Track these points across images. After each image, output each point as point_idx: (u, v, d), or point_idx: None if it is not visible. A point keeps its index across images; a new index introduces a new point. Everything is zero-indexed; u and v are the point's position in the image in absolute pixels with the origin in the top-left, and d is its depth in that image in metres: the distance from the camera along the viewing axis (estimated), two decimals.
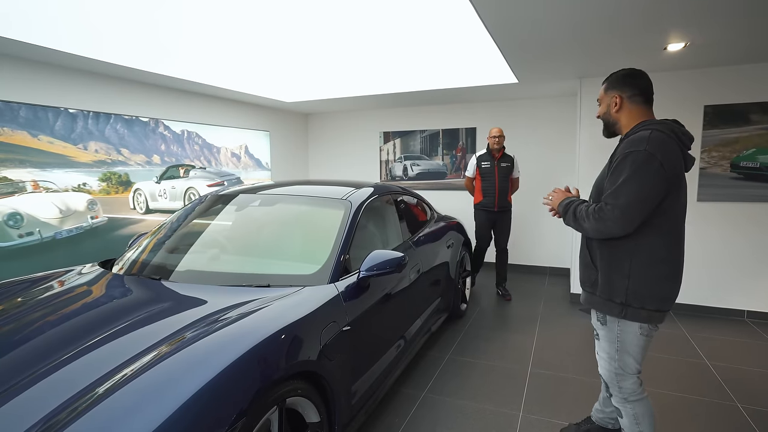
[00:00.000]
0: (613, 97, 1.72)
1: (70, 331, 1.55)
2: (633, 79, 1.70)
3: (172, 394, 1.16)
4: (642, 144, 1.52)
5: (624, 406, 1.75)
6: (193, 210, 2.66)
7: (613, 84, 1.73)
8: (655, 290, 1.61)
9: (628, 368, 1.71)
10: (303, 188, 2.79)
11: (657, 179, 1.50)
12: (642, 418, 1.73)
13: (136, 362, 1.30)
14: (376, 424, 2.29)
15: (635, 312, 1.62)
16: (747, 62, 3.55)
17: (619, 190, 1.53)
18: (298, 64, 4.40)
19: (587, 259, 1.75)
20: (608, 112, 1.76)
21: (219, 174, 4.95)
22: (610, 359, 1.74)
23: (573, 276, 4.43)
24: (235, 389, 1.26)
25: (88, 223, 3.67)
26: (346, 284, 1.99)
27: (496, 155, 4.23)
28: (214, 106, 4.94)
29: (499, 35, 2.86)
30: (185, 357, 1.30)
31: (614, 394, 1.78)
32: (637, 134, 1.59)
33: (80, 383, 1.23)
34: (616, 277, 1.64)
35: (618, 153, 1.62)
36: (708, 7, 2.40)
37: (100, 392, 1.17)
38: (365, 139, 6.37)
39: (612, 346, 1.72)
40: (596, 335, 1.82)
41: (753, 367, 2.94)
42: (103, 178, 3.78)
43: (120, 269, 2.22)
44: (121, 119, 3.91)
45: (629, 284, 1.61)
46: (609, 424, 2.08)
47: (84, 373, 1.28)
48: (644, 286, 1.60)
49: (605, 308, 1.68)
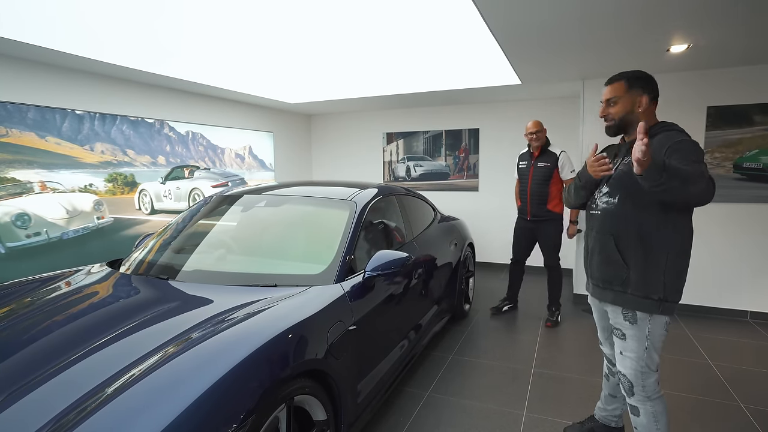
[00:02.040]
0: (639, 96, 1.70)
1: (79, 331, 1.57)
2: (652, 81, 1.73)
3: (181, 392, 1.18)
4: (683, 135, 1.61)
5: (644, 405, 1.73)
6: (200, 210, 2.69)
7: (640, 84, 1.71)
8: (681, 283, 1.66)
9: (653, 365, 1.71)
10: (308, 189, 2.81)
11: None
12: (661, 416, 1.73)
13: (146, 362, 1.32)
14: (380, 422, 2.31)
15: (670, 306, 1.64)
16: (749, 64, 3.56)
17: (699, 166, 1.47)
18: (301, 65, 4.43)
19: (615, 257, 1.70)
20: (632, 111, 1.71)
21: (223, 175, 4.98)
22: (638, 358, 1.70)
23: (576, 276, 4.44)
24: (244, 387, 1.28)
25: (95, 223, 3.71)
26: (352, 284, 2.01)
27: (534, 153, 3.66)
28: (218, 107, 4.97)
29: (503, 37, 2.88)
30: (194, 356, 1.32)
31: (636, 393, 1.73)
32: (666, 133, 1.63)
33: (89, 383, 1.25)
34: (653, 272, 1.63)
35: (655, 149, 1.52)
36: (710, 10, 2.41)
37: (109, 392, 1.19)
38: (368, 140, 6.40)
39: (641, 345, 1.69)
40: (620, 334, 1.75)
41: (756, 368, 2.94)
42: (109, 178, 3.81)
43: (127, 269, 2.25)
44: (126, 120, 3.94)
45: (665, 279, 1.62)
46: (612, 422, 2.09)
47: (93, 373, 1.30)
48: (677, 279, 1.64)
49: (641, 306, 1.66)
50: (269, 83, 4.88)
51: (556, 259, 3.75)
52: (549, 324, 3.70)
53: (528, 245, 3.86)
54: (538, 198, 3.63)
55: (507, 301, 4.03)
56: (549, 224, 3.67)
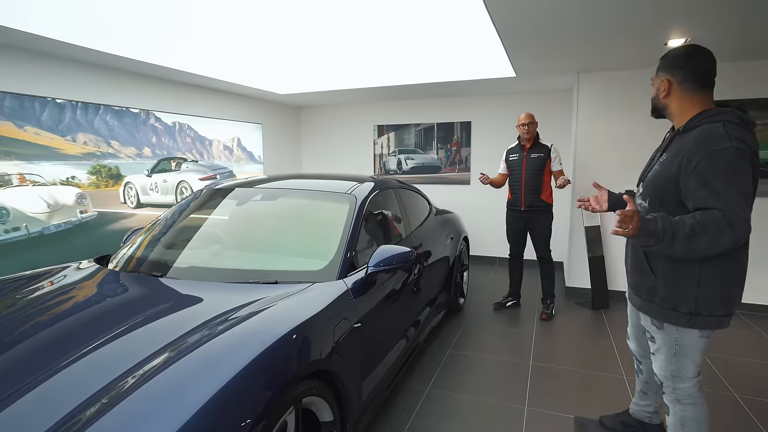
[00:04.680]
0: (663, 80, 1.56)
1: (67, 334, 1.46)
2: (687, 61, 1.51)
3: (185, 400, 1.10)
4: (724, 140, 1.36)
5: (674, 406, 1.66)
6: (192, 204, 2.59)
7: (664, 65, 1.57)
8: (729, 294, 1.48)
9: (685, 371, 1.59)
10: (304, 182, 2.74)
11: (751, 173, 1.38)
12: (691, 422, 1.62)
13: (143, 367, 1.22)
14: (383, 420, 2.27)
15: (704, 320, 1.49)
16: (746, 59, 3.58)
17: (727, 194, 1.32)
18: (291, 56, 4.31)
19: (642, 264, 1.60)
20: (657, 96, 1.60)
21: (211, 167, 4.85)
22: (668, 363, 1.62)
23: (567, 269, 4.47)
24: (253, 391, 1.21)
25: (77, 217, 3.56)
26: (354, 280, 1.95)
27: (525, 146, 3.68)
28: (206, 97, 4.82)
29: (504, 28, 2.83)
30: (196, 359, 1.24)
31: (667, 393, 1.67)
32: (704, 128, 1.43)
33: (79, 393, 1.13)
34: (684, 285, 1.49)
35: (692, 154, 1.40)
36: (710, 4, 2.40)
37: (104, 402, 1.09)
38: (359, 133, 6.31)
39: (670, 351, 1.59)
40: (650, 337, 1.68)
41: (748, 359, 2.99)
42: (93, 171, 3.66)
43: (116, 266, 2.15)
44: (110, 110, 3.78)
45: (699, 292, 1.47)
46: (645, 417, 2.07)
47: (84, 381, 1.19)
48: (716, 292, 1.46)
49: (668, 318, 1.54)
50: (259, 73, 4.74)
51: (547, 251, 3.77)
52: (544, 317, 3.71)
53: (523, 238, 3.87)
54: (533, 188, 3.64)
55: (510, 297, 4.02)
56: (541, 214, 3.70)
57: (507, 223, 3.91)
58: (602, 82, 4.06)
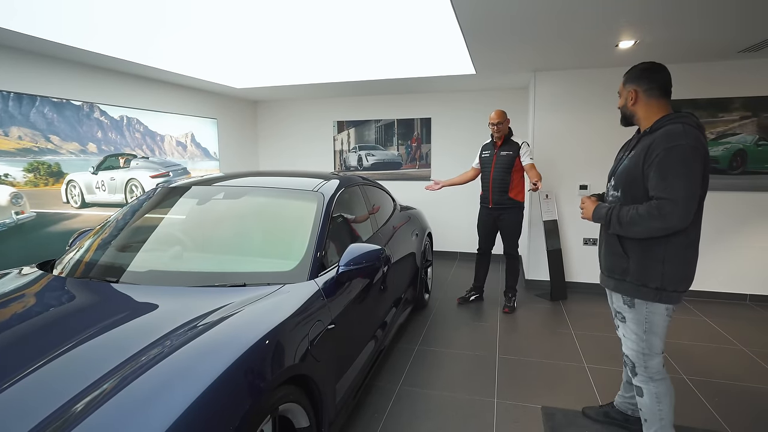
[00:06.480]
0: (630, 91, 1.81)
1: (10, 349, 1.32)
2: (650, 73, 1.77)
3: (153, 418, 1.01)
4: (681, 138, 1.60)
5: (647, 386, 1.82)
6: (146, 203, 2.42)
7: (631, 78, 1.81)
8: (687, 273, 1.72)
9: (654, 348, 1.78)
10: (268, 179, 2.64)
11: (701, 169, 1.61)
12: (663, 397, 1.80)
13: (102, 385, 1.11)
14: (356, 421, 2.23)
15: (669, 295, 1.70)
16: (695, 60, 3.80)
17: (674, 185, 1.58)
18: (247, 49, 4.14)
19: (616, 248, 1.81)
20: (626, 105, 1.85)
21: (163, 164, 4.59)
22: (638, 340, 1.80)
23: (527, 262, 4.60)
24: (227, 403, 1.14)
25: (12, 219, 3.25)
26: (325, 280, 1.90)
27: (497, 143, 3.70)
28: (156, 90, 4.55)
29: (468, 25, 2.85)
30: (165, 371, 1.14)
31: (639, 374, 1.83)
32: (667, 128, 1.66)
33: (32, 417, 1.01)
34: (651, 263, 1.71)
35: (655, 147, 1.65)
36: (653, 9, 2.53)
37: (57, 426, 0.98)
38: (318, 129, 6.20)
39: (640, 328, 1.79)
40: (621, 318, 1.87)
41: (693, 342, 3.21)
42: (30, 168, 3.35)
43: (62, 272, 1.97)
44: (48, 102, 3.48)
45: (665, 269, 1.69)
46: (629, 409, 2.15)
47: (36, 405, 1.06)
48: (678, 269, 1.69)
49: (638, 293, 1.75)
50: (213, 66, 4.53)
51: (515, 247, 3.83)
52: (507, 310, 3.79)
53: (491, 235, 3.90)
54: (500, 186, 3.68)
55: (473, 292, 4.08)
56: (510, 212, 3.73)
57: (478, 218, 3.95)
58: (557, 80, 4.20)
